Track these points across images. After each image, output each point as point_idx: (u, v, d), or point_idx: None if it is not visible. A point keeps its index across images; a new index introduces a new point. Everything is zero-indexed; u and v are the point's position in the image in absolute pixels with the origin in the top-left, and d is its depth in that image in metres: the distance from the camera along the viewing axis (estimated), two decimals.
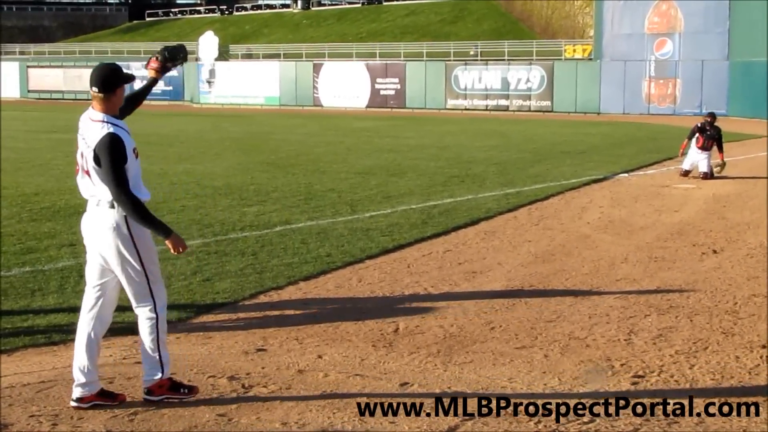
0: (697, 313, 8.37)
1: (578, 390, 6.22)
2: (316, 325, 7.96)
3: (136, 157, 5.80)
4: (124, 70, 5.85)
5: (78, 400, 5.78)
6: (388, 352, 7.13)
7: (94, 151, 5.62)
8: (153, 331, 5.85)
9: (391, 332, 7.73)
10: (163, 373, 5.89)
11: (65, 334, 7.39)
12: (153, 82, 6.48)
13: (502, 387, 6.28)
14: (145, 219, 5.71)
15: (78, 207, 13.78)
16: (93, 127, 5.69)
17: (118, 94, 5.77)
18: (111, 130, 5.65)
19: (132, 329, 7.74)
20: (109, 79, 5.74)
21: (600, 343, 7.40)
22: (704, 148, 19.26)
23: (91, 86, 5.72)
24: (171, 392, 5.93)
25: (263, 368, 6.68)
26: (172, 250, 5.84)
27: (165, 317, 5.94)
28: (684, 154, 19.63)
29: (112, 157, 5.59)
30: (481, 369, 6.70)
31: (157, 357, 5.87)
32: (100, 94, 5.69)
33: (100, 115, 5.71)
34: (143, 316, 5.87)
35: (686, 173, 19.22)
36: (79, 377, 5.79)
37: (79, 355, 5.82)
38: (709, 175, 19.01)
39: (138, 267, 5.76)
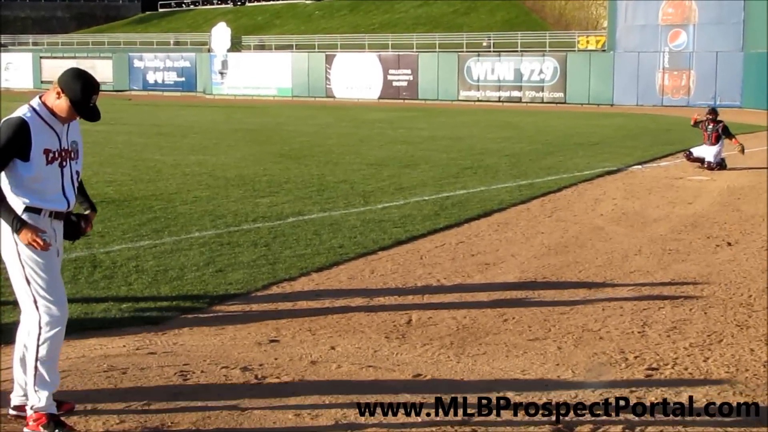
0: (711, 305, 8.33)
1: (591, 383, 6.20)
2: (329, 316, 7.96)
3: (49, 162, 5.11)
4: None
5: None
6: (401, 344, 7.12)
7: None
8: (33, 349, 5.17)
9: (404, 324, 7.72)
10: (35, 404, 5.19)
11: (78, 324, 7.40)
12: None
13: (515, 379, 6.26)
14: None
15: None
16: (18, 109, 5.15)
17: (57, 96, 5.12)
18: (27, 115, 5.07)
19: (144, 320, 7.78)
20: (67, 76, 5.16)
21: (614, 335, 7.37)
22: (711, 142, 19.33)
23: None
24: (46, 430, 5.17)
25: (276, 359, 6.68)
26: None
27: (52, 335, 5.18)
28: (696, 125, 19.86)
29: (6, 139, 4.97)
30: (494, 361, 6.68)
31: (32, 382, 5.21)
32: (55, 82, 5.16)
33: (37, 102, 5.18)
34: (24, 327, 5.26)
35: (692, 157, 19.24)
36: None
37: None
38: (713, 165, 19.03)
39: (21, 277, 5.16)
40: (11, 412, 5.50)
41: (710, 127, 19.38)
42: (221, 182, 16.57)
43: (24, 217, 5.10)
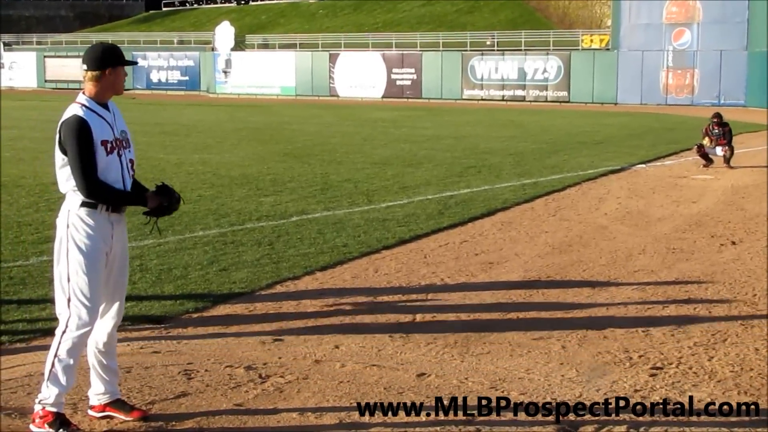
0: (715, 304, 8.32)
1: (595, 382, 6.20)
2: (333, 315, 7.96)
3: (108, 152, 5.20)
4: (126, 56, 5.38)
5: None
6: (405, 343, 7.12)
7: (59, 133, 5.15)
8: (55, 344, 5.21)
9: (408, 323, 7.71)
10: (44, 399, 5.22)
11: None
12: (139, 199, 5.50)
13: (519, 378, 6.26)
14: (124, 200, 5.27)
15: None
16: (67, 109, 5.23)
17: (108, 75, 5.23)
18: (80, 112, 5.15)
19: (148, 319, 7.78)
20: (100, 56, 5.23)
21: (618, 334, 7.36)
22: (718, 144, 19.33)
23: (82, 65, 5.27)
24: (51, 429, 5.20)
25: (280, 358, 6.68)
26: (153, 207, 5.36)
27: (76, 337, 5.18)
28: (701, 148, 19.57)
29: (78, 141, 5.08)
30: (498, 360, 6.68)
31: (46, 376, 5.22)
32: (87, 73, 5.23)
33: (83, 98, 5.24)
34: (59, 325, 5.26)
35: (703, 150, 19.15)
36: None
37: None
38: (727, 156, 19.15)
39: (64, 273, 5.20)
40: (89, 412, 5.56)
41: (716, 131, 19.35)
42: (225, 181, 16.58)
43: (81, 212, 5.17)
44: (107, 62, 5.24)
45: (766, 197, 15.11)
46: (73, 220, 5.19)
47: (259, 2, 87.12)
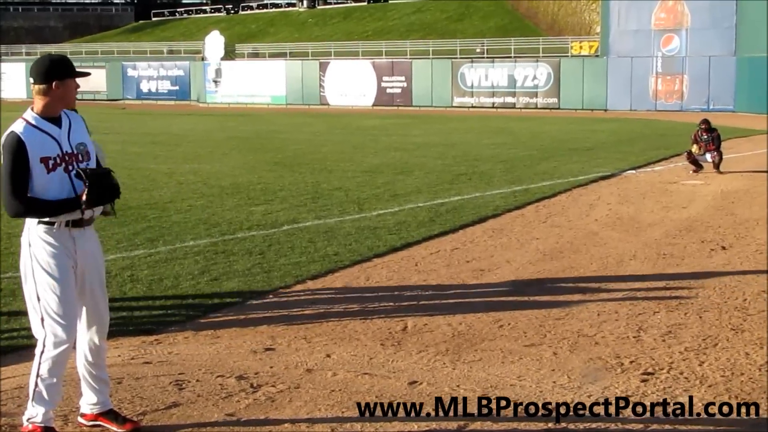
0: (706, 309, 8.34)
1: (587, 388, 6.21)
2: (324, 324, 7.95)
3: (50, 169, 5.00)
4: (76, 67, 5.19)
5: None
6: (396, 351, 7.12)
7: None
8: (36, 365, 5.17)
9: (400, 331, 7.71)
10: (32, 417, 5.21)
11: None
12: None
13: (511, 385, 6.26)
14: (50, 210, 5.01)
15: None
16: (12, 124, 5.06)
17: (56, 88, 5.03)
18: (18, 129, 4.98)
19: (139, 329, 7.76)
20: (46, 69, 5.04)
21: (609, 340, 7.37)
22: (707, 150, 19.42)
23: (29, 78, 5.11)
24: None
25: (272, 367, 6.67)
26: (85, 202, 5.02)
27: (55, 355, 5.13)
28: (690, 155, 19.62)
29: (10, 159, 4.90)
30: (489, 367, 6.68)
31: (30, 396, 5.21)
32: (34, 86, 5.03)
33: (29, 114, 5.07)
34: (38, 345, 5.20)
35: (692, 158, 19.23)
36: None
37: None
38: (717, 161, 19.24)
39: (33, 293, 5.13)
40: (79, 419, 5.54)
41: (705, 137, 19.45)
42: (216, 191, 16.57)
43: (39, 230, 5.07)
44: (54, 75, 5.05)
45: (756, 202, 15.14)
46: (33, 239, 5.11)
47: (248, 11, 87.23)
